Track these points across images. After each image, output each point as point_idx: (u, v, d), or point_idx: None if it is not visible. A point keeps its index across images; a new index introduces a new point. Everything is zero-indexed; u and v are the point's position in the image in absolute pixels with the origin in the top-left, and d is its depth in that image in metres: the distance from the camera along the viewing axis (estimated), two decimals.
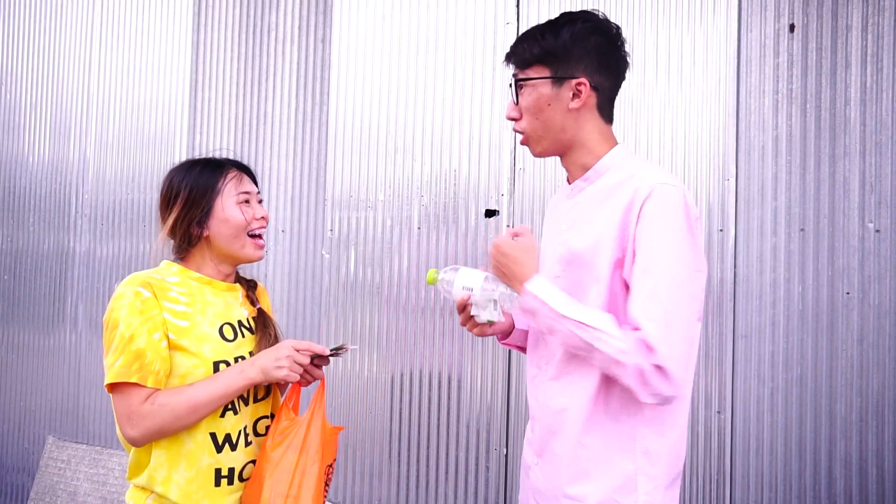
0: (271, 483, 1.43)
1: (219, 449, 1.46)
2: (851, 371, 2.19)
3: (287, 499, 1.43)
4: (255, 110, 3.22)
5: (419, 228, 2.84)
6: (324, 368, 1.58)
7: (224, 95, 3.29)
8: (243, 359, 1.50)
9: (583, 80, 1.40)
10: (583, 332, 1.29)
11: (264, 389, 1.57)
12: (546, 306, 1.33)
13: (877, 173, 2.19)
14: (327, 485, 1.55)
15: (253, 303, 1.62)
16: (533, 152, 1.50)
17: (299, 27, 3.15)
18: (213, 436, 1.45)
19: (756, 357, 2.30)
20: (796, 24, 2.30)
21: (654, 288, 1.29)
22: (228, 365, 1.47)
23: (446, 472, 2.74)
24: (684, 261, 1.31)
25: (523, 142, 1.50)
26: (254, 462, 1.51)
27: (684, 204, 1.33)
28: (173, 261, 1.56)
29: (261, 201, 1.61)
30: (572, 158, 1.48)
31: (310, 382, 1.56)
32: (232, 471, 1.47)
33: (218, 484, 1.46)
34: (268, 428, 1.56)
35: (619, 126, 2.50)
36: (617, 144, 1.48)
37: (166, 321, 1.43)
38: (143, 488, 1.45)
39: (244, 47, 3.25)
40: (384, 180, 2.91)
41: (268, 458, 1.46)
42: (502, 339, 1.66)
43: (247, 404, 1.52)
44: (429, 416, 2.78)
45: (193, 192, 1.52)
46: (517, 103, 1.46)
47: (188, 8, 3.39)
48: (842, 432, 2.19)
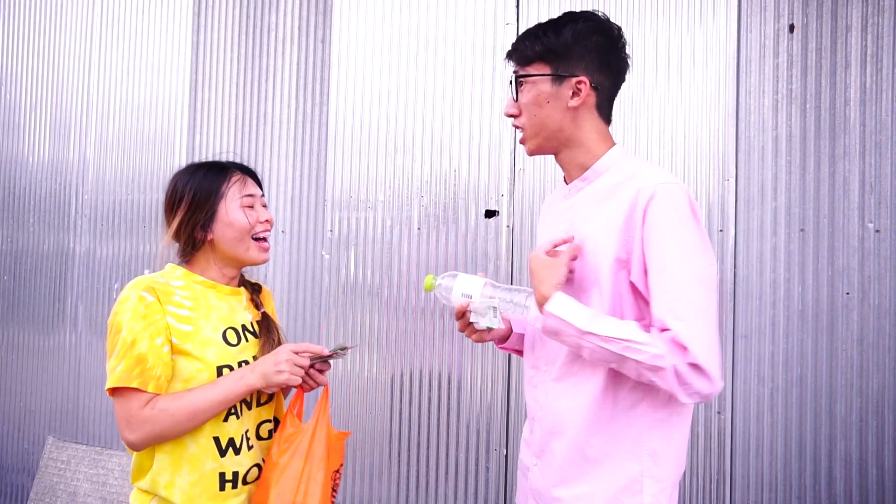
0: (277, 490, 1.43)
1: (222, 453, 1.45)
2: (851, 371, 2.19)
3: None
4: (255, 110, 3.22)
5: (419, 229, 2.84)
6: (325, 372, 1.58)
7: (224, 96, 3.29)
8: (247, 363, 1.49)
9: (583, 79, 1.40)
10: (611, 344, 1.28)
11: (267, 394, 1.56)
12: (568, 325, 1.31)
13: (877, 173, 2.19)
14: (334, 490, 1.54)
15: (257, 306, 1.61)
16: (527, 149, 1.49)
17: (299, 27, 3.15)
18: (216, 440, 1.45)
19: (756, 357, 2.30)
20: (796, 24, 2.30)
21: (675, 287, 1.28)
22: (232, 370, 1.46)
23: (446, 473, 2.74)
24: (699, 256, 1.32)
25: (522, 140, 1.49)
26: (258, 466, 1.51)
27: (689, 201, 1.34)
28: (178, 264, 1.56)
29: (265, 205, 1.61)
30: (569, 157, 1.47)
31: (313, 388, 1.55)
32: (236, 474, 1.47)
33: (222, 488, 1.45)
34: (270, 432, 1.56)
35: (618, 126, 2.51)
36: (615, 145, 1.47)
37: (170, 326, 1.43)
38: (146, 492, 1.45)
39: (244, 48, 3.25)
40: (384, 181, 2.91)
41: (273, 465, 1.46)
42: (499, 343, 1.64)
43: (249, 408, 1.51)
44: (429, 417, 2.78)
45: (197, 195, 1.51)
46: (516, 100, 1.46)
47: (188, 8, 3.39)
48: (842, 432, 2.19)
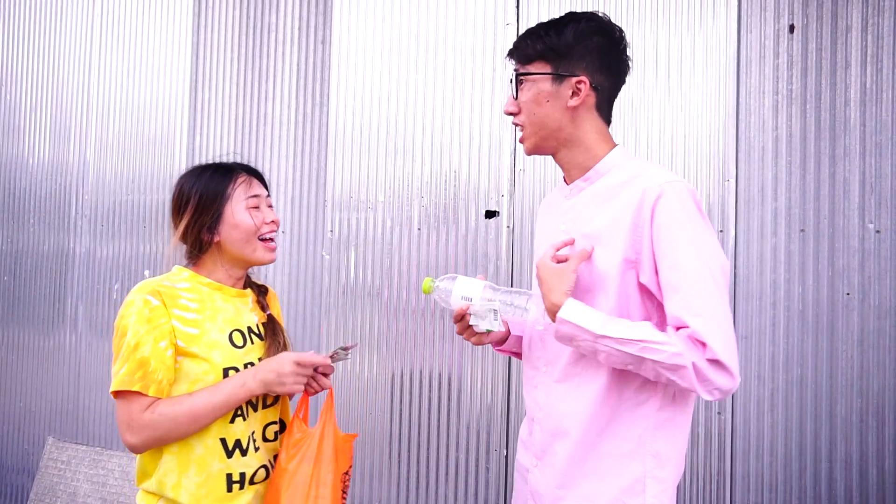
0: (289, 496, 1.44)
1: (229, 454, 1.46)
2: (852, 372, 2.19)
3: None
4: (255, 111, 3.22)
5: (419, 229, 2.83)
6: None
7: (224, 96, 3.29)
8: (253, 365, 1.50)
9: (583, 79, 1.40)
10: (628, 346, 1.27)
11: (273, 396, 1.56)
12: (583, 331, 1.30)
13: (877, 174, 2.19)
14: (344, 493, 1.55)
15: (263, 308, 1.62)
16: (525, 148, 1.49)
17: (299, 28, 3.15)
18: (223, 441, 1.45)
19: (756, 358, 2.30)
20: (796, 24, 2.30)
21: (689, 283, 1.28)
22: (237, 371, 1.47)
23: (446, 474, 2.74)
24: (710, 252, 1.32)
25: (522, 139, 1.49)
26: (264, 467, 1.51)
27: (695, 199, 1.35)
28: (184, 266, 1.56)
29: (271, 205, 1.61)
30: (569, 157, 1.47)
31: (318, 391, 1.56)
32: (243, 476, 1.47)
33: (230, 489, 1.46)
34: (276, 434, 1.56)
35: (619, 126, 2.50)
36: (616, 146, 1.47)
37: (175, 329, 1.43)
38: (153, 493, 1.46)
39: (244, 48, 3.25)
40: (384, 181, 2.91)
41: (283, 471, 1.47)
42: (497, 345, 1.63)
43: (256, 410, 1.52)
44: (429, 418, 2.78)
45: (203, 198, 1.52)
46: (516, 98, 1.46)
47: (188, 9, 3.39)
48: (842, 433, 2.19)
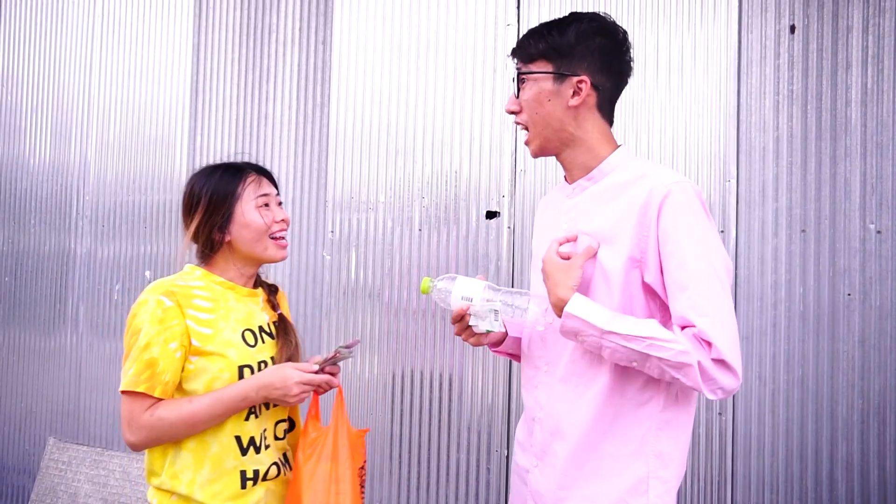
0: (310, 495, 1.46)
1: (244, 452, 1.49)
2: (853, 372, 2.19)
3: None
4: (256, 112, 3.22)
5: (420, 230, 2.83)
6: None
7: (225, 97, 3.29)
8: (265, 364, 1.53)
9: (584, 78, 1.40)
10: (634, 343, 1.28)
11: None
12: (590, 326, 1.30)
13: (878, 174, 2.19)
14: (362, 487, 1.58)
15: (274, 307, 1.64)
16: (531, 150, 1.49)
17: (300, 29, 3.15)
18: (237, 439, 1.48)
19: (757, 358, 2.29)
20: (797, 25, 2.30)
21: (696, 283, 1.29)
22: (251, 369, 1.50)
23: (447, 474, 2.74)
24: (716, 253, 1.33)
25: (527, 141, 1.49)
26: (276, 465, 1.54)
27: (702, 200, 1.36)
28: (197, 265, 1.59)
29: (280, 204, 1.63)
30: (571, 157, 1.47)
31: (326, 391, 1.58)
32: (256, 472, 1.50)
33: (244, 486, 1.48)
34: (285, 432, 1.59)
35: (619, 127, 2.50)
36: (619, 146, 1.48)
37: (189, 329, 1.46)
38: (166, 491, 1.48)
39: (245, 49, 3.25)
40: (385, 182, 2.91)
41: (302, 471, 1.49)
42: (494, 347, 1.62)
43: (267, 408, 1.54)
44: (429, 418, 2.78)
45: (214, 198, 1.54)
46: (518, 97, 1.47)
47: (189, 10, 3.39)
48: (843, 434, 2.19)
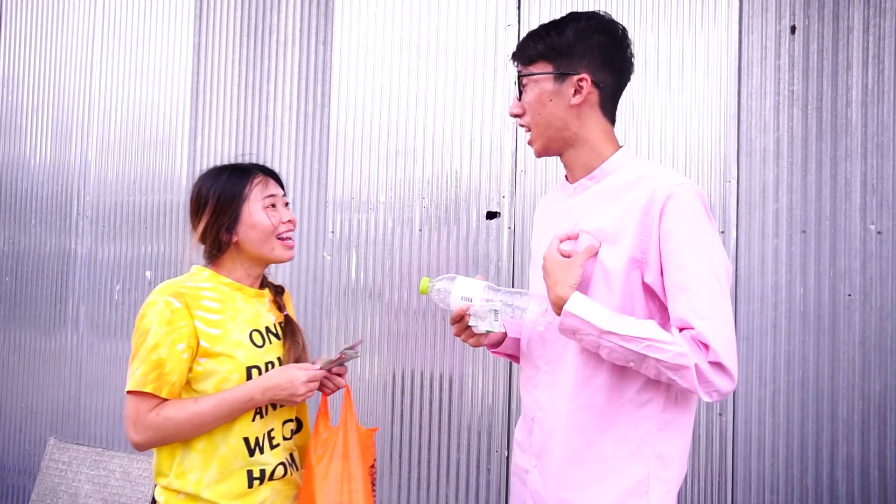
0: (323, 494, 1.48)
1: (251, 452, 1.50)
2: (853, 373, 2.19)
3: None
4: (257, 112, 3.22)
5: (420, 230, 2.84)
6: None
7: (225, 98, 3.29)
8: (272, 364, 1.54)
9: (584, 77, 1.41)
10: (632, 344, 1.28)
11: None
12: (589, 325, 1.31)
13: (878, 175, 2.19)
14: (374, 485, 1.59)
15: (280, 308, 1.66)
16: (535, 151, 1.50)
17: (301, 29, 3.15)
18: (245, 440, 1.50)
19: (758, 359, 2.29)
20: (797, 25, 2.30)
21: (696, 285, 1.29)
22: (259, 370, 1.51)
23: (447, 475, 2.74)
24: (716, 256, 1.33)
25: (530, 141, 1.50)
26: (282, 464, 1.55)
27: (704, 203, 1.36)
28: (204, 266, 1.60)
29: (287, 204, 1.64)
30: (574, 156, 1.47)
31: (334, 391, 1.60)
32: (263, 472, 1.52)
33: (251, 486, 1.50)
34: (292, 432, 1.60)
35: (620, 127, 2.49)
36: (622, 147, 1.48)
37: (198, 330, 1.47)
38: (174, 490, 1.49)
39: (245, 50, 3.26)
40: (385, 182, 2.91)
41: (314, 471, 1.51)
42: (493, 348, 1.62)
43: (274, 408, 1.55)
44: (430, 419, 2.78)
45: (221, 198, 1.56)
46: (520, 100, 1.47)
47: (189, 11, 3.40)
48: (844, 434, 2.19)
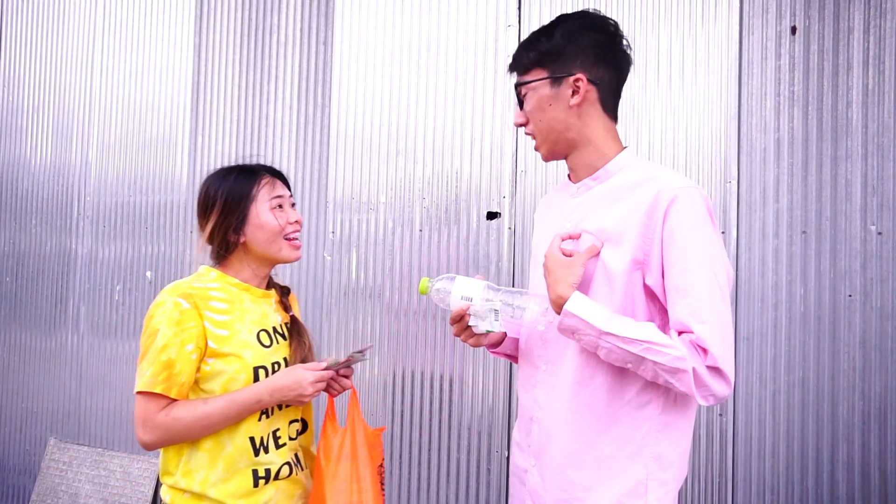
0: (333, 495, 1.50)
1: (256, 452, 1.51)
2: (854, 374, 2.19)
3: None
4: (257, 113, 3.22)
5: (421, 231, 2.84)
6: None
7: (226, 98, 3.29)
8: (279, 364, 1.55)
9: (580, 76, 1.40)
10: (630, 346, 1.28)
11: None
12: (588, 325, 1.31)
13: (879, 175, 2.19)
14: (382, 485, 1.60)
15: (286, 309, 1.67)
16: (542, 155, 1.50)
17: (301, 30, 3.15)
18: (251, 440, 1.51)
19: (758, 360, 2.29)
20: (798, 26, 2.30)
21: (697, 290, 1.29)
22: (266, 370, 1.52)
23: (447, 475, 2.74)
24: (718, 260, 1.33)
25: (537, 147, 1.50)
26: (287, 464, 1.56)
27: (708, 207, 1.36)
28: (212, 266, 1.61)
29: (293, 205, 1.65)
30: (579, 157, 1.47)
31: (340, 392, 1.62)
32: (268, 472, 1.53)
33: (256, 485, 1.51)
34: (297, 432, 1.62)
35: (620, 128, 2.49)
36: (626, 147, 1.48)
37: (206, 331, 1.48)
38: (180, 489, 1.50)
39: (246, 50, 3.26)
40: (386, 182, 2.91)
41: (324, 471, 1.52)
42: (492, 348, 1.62)
43: (280, 408, 1.56)
44: (430, 419, 2.78)
45: (229, 199, 1.57)
46: (522, 109, 1.48)
47: (190, 11, 3.40)
48: (844, 435, 2.19)
